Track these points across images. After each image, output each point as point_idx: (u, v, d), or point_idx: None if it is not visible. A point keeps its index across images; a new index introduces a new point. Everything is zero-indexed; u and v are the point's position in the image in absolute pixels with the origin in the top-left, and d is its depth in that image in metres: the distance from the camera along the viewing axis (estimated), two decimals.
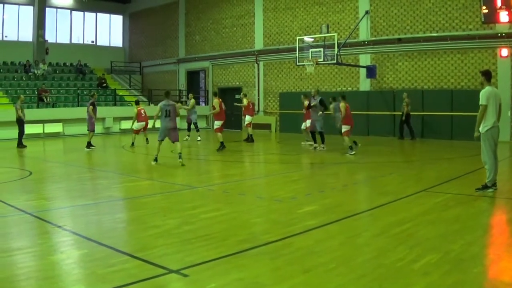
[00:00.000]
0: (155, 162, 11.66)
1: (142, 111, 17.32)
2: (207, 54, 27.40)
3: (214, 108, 15.57)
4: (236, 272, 4.31)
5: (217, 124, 15.43)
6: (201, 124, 24.33)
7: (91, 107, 15.67)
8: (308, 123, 15.70)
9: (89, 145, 15.73)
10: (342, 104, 13.59)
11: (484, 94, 7.71)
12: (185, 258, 4.67)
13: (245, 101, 18.10)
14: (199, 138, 18.63)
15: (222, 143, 14.92)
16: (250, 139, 17.62)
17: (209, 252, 4.85)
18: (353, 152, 13.33)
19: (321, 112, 14.72)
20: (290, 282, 4.07)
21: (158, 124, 12.36)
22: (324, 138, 15.00)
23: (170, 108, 11.41)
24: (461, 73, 18.26)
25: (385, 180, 9.59)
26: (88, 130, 15.96)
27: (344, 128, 13.66)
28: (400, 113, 18.60)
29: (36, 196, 8.19)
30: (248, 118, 17.87)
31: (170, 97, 12.02)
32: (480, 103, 7.71)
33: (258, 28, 24.82)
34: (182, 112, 17.47)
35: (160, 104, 11.62)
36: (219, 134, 15.14)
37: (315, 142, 15.16)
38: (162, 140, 11.75)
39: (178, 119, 12.24)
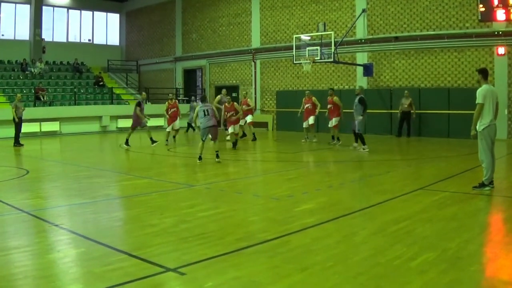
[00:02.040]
0: (199, 161, 11.62)
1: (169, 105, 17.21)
2: (204, 53, 27.36)
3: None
4: (233, 270, 4.31)
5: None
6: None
7: (138, 107, 15.15)
8: (310, 120, 16.66)
9: (152, 141, 15.34)
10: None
11: (480, 92, 7.71)
12: (182, 257, 4.67)
13: (251, 102, 18.09)
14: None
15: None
16: (253, 137, 17.62)
17: (206, 251, 4.85)
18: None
19: (360, 115, 14.03)
20: (287, 281, 4.07)
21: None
22: (363, 138, 14.12)
23: (208, 108, 11.70)
24: (458, 71, 18.29)
25: (382, 178, 9.60)
26: (140, 127, 15.59)
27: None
28: (398, 111, 18.60)
29: (33, 195, 8.17)
30: (250, 117, 17.82)
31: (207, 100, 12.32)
32: (476, 101, 7.73)
33: (255, 27, 24.79)
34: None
35: (197, 108, 11.86)
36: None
37: (363, 143, 14.08)
38: (206, 139, 11.93)
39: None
